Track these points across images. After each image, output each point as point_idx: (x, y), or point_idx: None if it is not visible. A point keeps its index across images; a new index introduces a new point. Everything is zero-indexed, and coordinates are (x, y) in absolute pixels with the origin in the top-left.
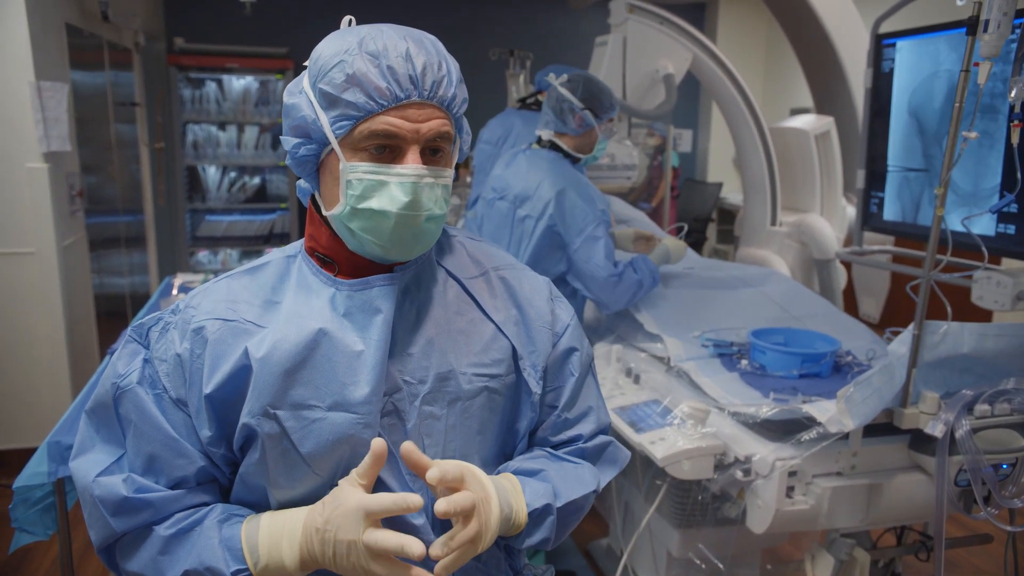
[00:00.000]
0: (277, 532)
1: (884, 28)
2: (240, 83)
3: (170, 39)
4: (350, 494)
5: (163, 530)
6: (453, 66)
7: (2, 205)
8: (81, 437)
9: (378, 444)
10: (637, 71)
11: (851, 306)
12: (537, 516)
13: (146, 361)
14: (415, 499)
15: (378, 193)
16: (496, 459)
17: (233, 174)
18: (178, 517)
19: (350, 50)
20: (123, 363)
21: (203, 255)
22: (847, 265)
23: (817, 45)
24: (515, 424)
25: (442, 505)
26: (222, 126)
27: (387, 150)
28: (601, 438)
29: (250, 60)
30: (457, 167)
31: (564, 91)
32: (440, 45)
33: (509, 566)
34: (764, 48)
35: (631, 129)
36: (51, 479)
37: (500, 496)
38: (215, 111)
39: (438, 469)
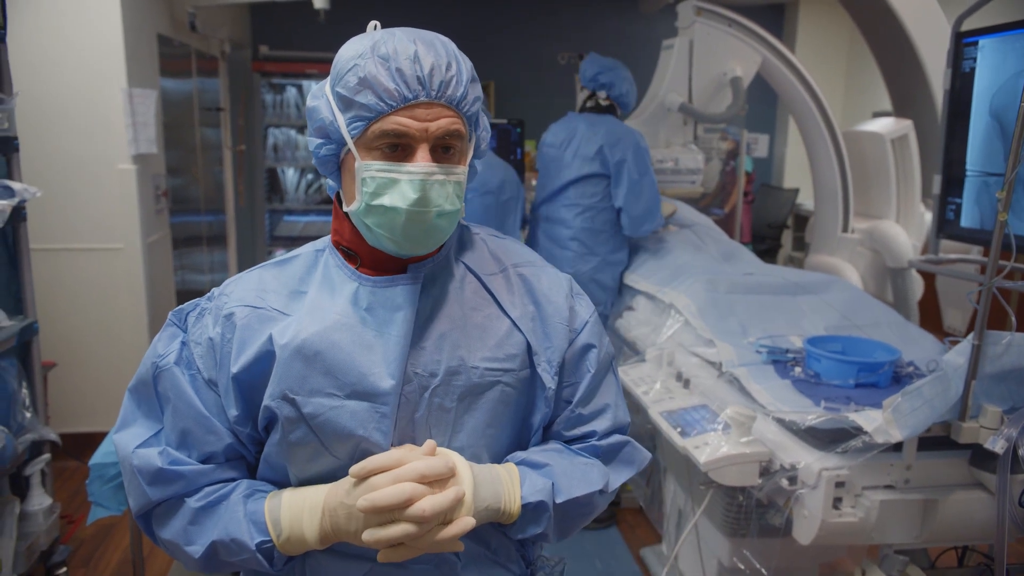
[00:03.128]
0: (297, 508)
1: (966, 26)
2: None
3: (255, 47)
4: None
5: (193, 502)
6: (464, 66)
7: (94, 204)
8: (124, 412)
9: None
10: (704, 74)
11: (935, 318)
12: (531, 510)
13: (183, 344)
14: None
15: (389, 190)
16: (509, 452)
17: (310, 176)
18: (207, 491)
19: (363, 54)
20: (163, 344)
21: (280, 254)
22: (930, 276)
23: (896, 45)
24: (529, 418)
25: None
26: (301, 130)
27: (399, 149)
28: (617, 437)
29: (328, 66)
30: (515, 167)
31: None
32: (452, 46)
33: (521, 556)
34: (847, 49)
35: (697, 133)
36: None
37: (484, 486)
38: (295, 115)
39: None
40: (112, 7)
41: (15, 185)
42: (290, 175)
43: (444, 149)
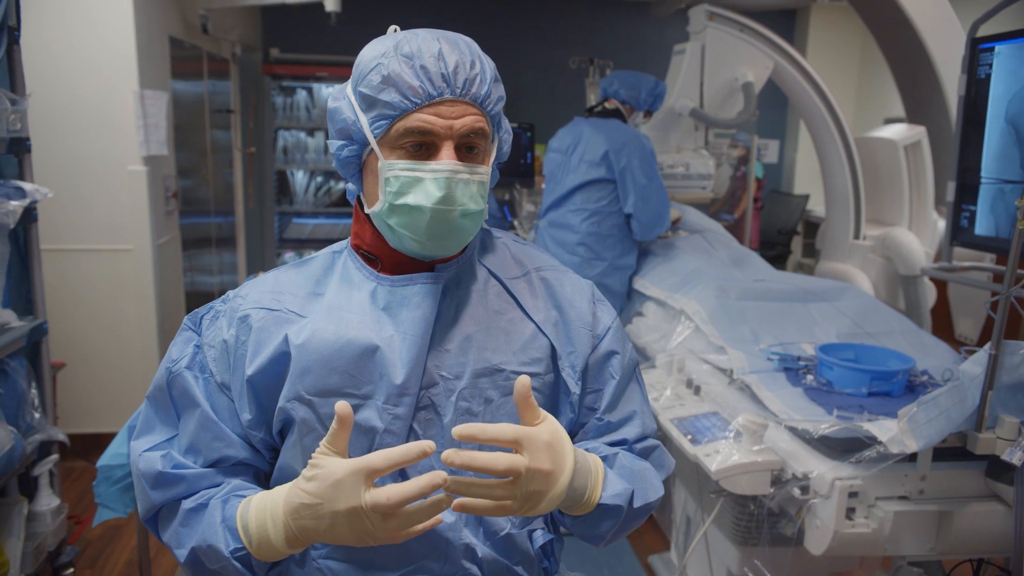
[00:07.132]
0: (262, 513)
1: (982, 32)
2: (329, 91)
3: (266, 49)
4: (336, 464)
5: (186, 504)
6: (488, 65)
7: (104, 205)
8: (143, 419)
9: (342, 408)
10: (715, 79)
11: (947, 326)
12: (607, 511)
13: (197, 347)
14: (426, 443)
15: (414, 189)
16: None
17: (320, 179)
18: (202, 493)
19: (386, 53)
20: (177, 349)
21: (289, 256)
22: (941, 284)
23: (909, 51)
24: None
25: (463, 429)
26: (311, 132)
27: (423, 148)
28: (648, 442)
29: (338, 69)
30: (524, 172)
31: None
32: (475, 46)
33: (543, 569)
34: (859, 55)
35: (708, 138)
36: (129, 460)
37: (579, 472)
38: (305, 118)
39: (493, 430)
40: (124, 10)
41: (26, 186)
42: (299, 177)
43: (468, 148)
